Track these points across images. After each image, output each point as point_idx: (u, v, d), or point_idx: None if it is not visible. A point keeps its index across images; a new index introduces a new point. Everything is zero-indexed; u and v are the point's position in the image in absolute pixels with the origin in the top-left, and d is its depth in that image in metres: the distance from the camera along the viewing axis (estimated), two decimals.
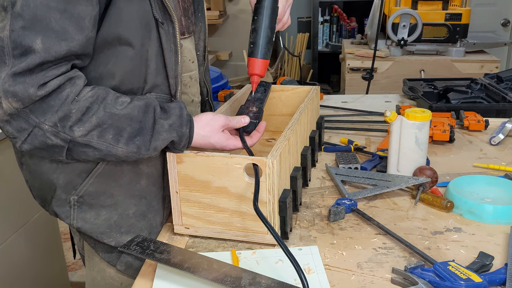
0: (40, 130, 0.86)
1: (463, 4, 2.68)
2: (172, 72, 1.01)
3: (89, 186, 1.01)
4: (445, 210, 1.10)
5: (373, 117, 1.76)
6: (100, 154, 0.92)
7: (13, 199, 1.77)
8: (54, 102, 0.86)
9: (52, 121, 0.86)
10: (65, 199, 1.02)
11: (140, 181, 1.04)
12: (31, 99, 0.83)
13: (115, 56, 0.94)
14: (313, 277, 0.89)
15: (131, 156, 0.94)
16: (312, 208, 1.14)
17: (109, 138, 0.90)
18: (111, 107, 0.90)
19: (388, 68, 2.68)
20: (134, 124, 0.92)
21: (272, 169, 0.92)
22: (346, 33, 4.41)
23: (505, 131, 1.50)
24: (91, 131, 0.89)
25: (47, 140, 0.87)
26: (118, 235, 1.04)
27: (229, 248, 1.00)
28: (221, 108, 1.21)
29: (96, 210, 1.03)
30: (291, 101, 1.41)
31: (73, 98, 0.87)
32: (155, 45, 0.98)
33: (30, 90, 0.82)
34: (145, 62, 0.97)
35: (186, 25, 1.14)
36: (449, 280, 0.83)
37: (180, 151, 0.98)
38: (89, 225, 1.03)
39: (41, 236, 1.94)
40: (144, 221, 1.06)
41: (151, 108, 0.95)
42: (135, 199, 1.04)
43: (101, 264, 1.12)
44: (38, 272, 1.92)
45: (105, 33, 0.91)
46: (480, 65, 2.67)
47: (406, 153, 1.21)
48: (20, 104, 0.83)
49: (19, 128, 0.86)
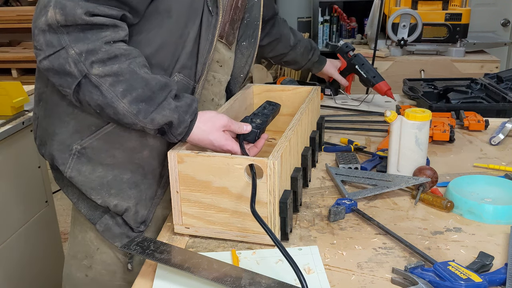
0: (66, 53, 0.89)
1: (463, 4, 2.68)
2: (202, 59, 1.07)
3: (95, 140, 1.04)
4: (445, 210, 1.10)
5: (373, 117, 1.76)
6: (103, 101, 0.93)
7: (13, 199, 1.77)
8: (91, 35, 0.90)
9: (80, 50, 0.89)
10: (68, 145, 1.05)
11: (143, 151, 1.07)
12: (75, 19, 0.87)
13: (158, 26, 0.99)
14: (313, 277, 0.89)
15: (128, 116, 0.95)
16: (312, 208, 1.14)
17: (119, 91, 0.93)
18: (136, 66, 0.94)
19: (388, 68, 2.68)
20: (147, 91, 0.95)
21: (273, 170, 0.92)
22: (346, 33, 4.41)
23: (505, 131, 1.50)
24: (107, 75, 0.91)
25: (66, 65, 0.90)
26: (107, 196, 1.07)
27: (229, 248, 1.00)
28: (221, 108, 1.21)
29: (93, 165, 1.05)
30: (292, 101, 1.41)
31: (109, 41, 0.91)
32: (196, 30, 1.04)
33: (78, 10, 0.87)
34: (183, 42, 1.03)
35: (228, 33, 1.19)
36: (449, 280, 0.83)
37: (175, 138, 1.00)
38: (82, 178, 1.06)
39: (41, 236, 1.94)
40: (135, 190, 1.09)
41: (167, 88, 0.97)
42: (133, 166, 1.07)
43: (84, 224, 1.16)
44: (38, 272, 1.92)
45: (159, 3, 0.98)
46: (480, 65, 2.67)
47: (406, 153, 1.21)
48: (63, 19, 0.87)
49: (49, 42, 0.89)
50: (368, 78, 1.83)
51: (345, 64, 1.92)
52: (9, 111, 1.76)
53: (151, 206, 1.12)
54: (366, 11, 3.65)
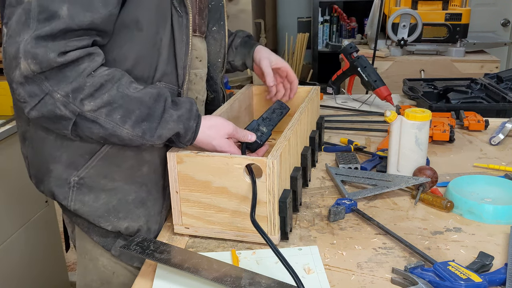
0: (51, 99, 0.87)
1: (463, 4, 2.68)
2: (181, 62, 1.04)
3: (91, 168, 1.01)
4: (445, 210, 1.10)
5: (373, 117, 1.76)
6: (105, 133, 0.92)
7: (13, 199, 1.77)
8: (70, 73, 0.87)
9: (65, 91, 0.87)
10: (65, 179, 1.02)
11: (142, 168, 1.05)
12: (50, 64, 0.84)
13: (130, 40, 0.96)
14: (313, 277, 0.89)
15: (135, 140, 0.94)
16: (312, 208, 1.14)
17: (117, 118, 0.91)
18: (124, 88, 0.92)
19: (388, 68, 2.68)
20: (144, 109, 0.93)
21: (272, 169, 0.92)
22: (346, 33, 4.41)
23: (505, 131, 1.50)
24: (100, 107, 0.90)
25: (56, 109, 0.88)
26: (116, 220, 1.05)
27: (229, 248, 1.00)
28: (221, 108, 1.21)
29: (95, 193, 1.03)
30: (291, 101, 1.41)
31: (89, 72, 0.89)
32: (168, 34, 1.01)
33: (51, 55, 0.84)
34: (158, 49, 1.00)
35: (199, 24, 1.16)
36: (449, 280, 0.83)
37: (184, 145, 0.99)
38: (87, 208, 1.03)
39: (41, 236, 1.94)
40: (142, 208, 1.07)
41: (162, 98, 0.96)
42: (135, 185, 1.05)
43: (93, 252, 1.12)
44: (38, 272, 1.92)
45: (124, 16, 0.94)
46: (480, 65, 2.67)
47: (406, 153, 1.21)
48: (38, 67, 0.84)
49: (31, 93, 0.87)
50: (369, 81, 1.83)
51: (348, 65, 1.92)
52: (9, 111, 1.76)
53: (160, 219, 1.10)
54: (366, 11, 3.64)
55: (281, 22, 4.63)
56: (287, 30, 4.52)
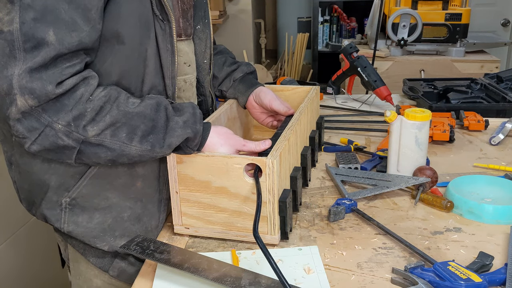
0: (52, 130, 0.83)
1: (463, 4, 2.68)
2: (168, 73, 1.00)
3: (83, 188, 0.98)
4: (445, 210, 1.10)
5: (373, 117, 1.76)
6: (112, 155, 0.90)
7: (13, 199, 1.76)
8: (68, 101, 0.84)
9: (66, 121, 0.84)
10: (56, 201, 0.99)
11: (135, 183, 1.02)
12: (48, 96, 0.81)
13: (113, 54, 0.92)
14: (313, 277, 0.89)
15: (145, 155, 0.92)
16: (312, 208, 1.14)
17: (123, 137, 0.89)
18: (124, 106, 0.89)
19: (388, 68, 2.68)
20: (147, 122, 0.91)
21: (272, 169, 0.92)
22: (346, 33, 4.42)
23: (505, 131, 1.50)
24: (104, 130, 0.87)
25: (58, 140, 0.84)
26: (112, 239, 1.02)
27: (229, 248, 1.00)
28: (220, 108, 1.21)
29: (89, 213, 1.00)
30: (291, 101, 1.41)
31: (87, 97, 0.86)
32: (154, 44, 0.96)
33: (48, 87, 0.80)
34: (143, 61, 0.96)
35: (184, 27, 1.10)
36: (449, 280, 0.83)
37: (192, 150, 0.97)
38: (81, 229, 1.00)
39: (41, 236, 1.94)
40: (139, 225, 1.04)
41: (162, 107, 0.94)
42: (130, 201, 1.02)
43: (87, 273, 1.09)
44: (38, 272, 1.92)
45: (104, 30, 0.89)
46: (480, 65, 2.67)
47: (406, 153, 1.21)
48: (36, 102, 0.81)
49: (30, 127, 0.83)
50: (369, 81, 1.83)
51: (348, 65, 1.92)
52: None
53: (157, 233, 1.08)
54: (366, 11, 3.64)
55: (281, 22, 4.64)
56: (287, 30, 4.52)
